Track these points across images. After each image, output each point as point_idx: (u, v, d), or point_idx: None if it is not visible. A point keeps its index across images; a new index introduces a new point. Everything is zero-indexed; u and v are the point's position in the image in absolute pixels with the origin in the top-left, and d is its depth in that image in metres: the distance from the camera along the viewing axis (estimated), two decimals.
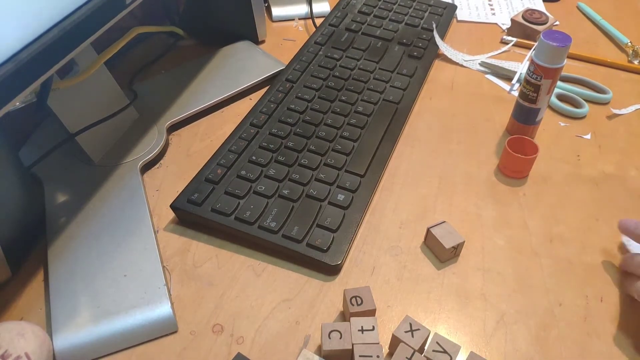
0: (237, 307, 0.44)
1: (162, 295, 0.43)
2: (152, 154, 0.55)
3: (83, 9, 0.39)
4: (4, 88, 0.33)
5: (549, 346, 0.43)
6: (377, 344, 0.39)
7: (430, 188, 0.55)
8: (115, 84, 0.57)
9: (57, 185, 0.52)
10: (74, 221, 0.48)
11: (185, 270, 0.47)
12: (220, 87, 0.64)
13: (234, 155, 0.54)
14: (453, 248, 0.47)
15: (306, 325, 0.43)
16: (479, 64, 0.72)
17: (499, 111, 0.65)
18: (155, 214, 0.51)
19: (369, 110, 0.60)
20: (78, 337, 0.40)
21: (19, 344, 0.35)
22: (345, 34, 0.73)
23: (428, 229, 0.48)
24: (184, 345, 0.42)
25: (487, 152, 0.59)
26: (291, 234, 0.47)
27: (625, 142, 0.61)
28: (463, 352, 0.42)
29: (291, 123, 0.58)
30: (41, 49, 0.35)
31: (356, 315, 0.41)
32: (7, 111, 0.34)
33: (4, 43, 0.33)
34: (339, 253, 0.46)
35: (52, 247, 0.46)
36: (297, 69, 0.66)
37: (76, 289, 0.43)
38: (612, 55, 0.75)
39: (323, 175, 0.52)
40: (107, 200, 0.50)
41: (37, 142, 0.55)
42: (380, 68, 0.68)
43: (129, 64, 0.69)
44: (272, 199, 0.50)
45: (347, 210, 0.50)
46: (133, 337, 0.41)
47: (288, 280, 0.46)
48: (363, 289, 0.42)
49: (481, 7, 0.85)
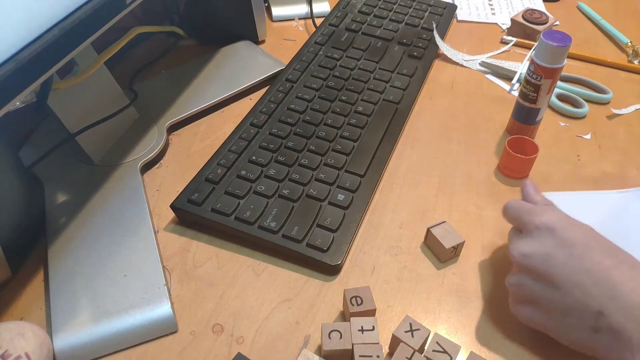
0: (237, 307, 0.44)
1: (162, 295, 0.43)
2: (152, 154, 0.55)
3: (83, 9, 0.39)
4: (4, 88, 0.33)
5: (549, 346, 0.42)
6: (377, 344, 0.39)
7: (430, 188, 0.55)
8: (115, 84, 0.57)
9: (57, 185, 0.52)
10: (74, 221, 0.48)
11: (186, 270, 0.47)
12: (220, 87, 0.64)
13: (234, 155, 0.54)
14: (453, 248, 0.47)
15: (306, 325, 0.43)
16: (479, 63, 0.72)
17: (499, 111, 0.65)
18: (156, 214, 0.51)
19: (369, 110, 0.60)
20: (78, 337, 0.40)
21: (19, 344, 0.35)
22: (346, 33, 0.73)
23: (428, 229, 0.48)
24: (184, 345, 0.42)
25: (487, 152, 0.59)
26: (291, 234, 0.47)
27: (625, 142, 0.61)
28: (463, 352, 0.42)
29: (291, 123, 0.58)
30: (41, 48, 0.35)
31: (356, 315, 0.41)
32: (7, 111, 0.35)
33: (4, 43, 0.33)
34: (339, 253, 0.46)
35: (52, 247, 0.46)
36: (297, 68, 0.66)
37: (76, 289, 0.43)
38: (612, 56, 0.75)
39: (323, 175, 0.52)
40: (107, 200, 0.50)
41: (37, 142, 0.55)
42: (380, 68, 0.68)
43: (129, 64, 0.69)
44: (272, 199, 0.50)
45: (347, 210, 0.50)
46: (133, 337, 0.41)
47: (288, 280, 0.46)
48: (363, 289, 0.42)
49: (481, 7, 0.85)
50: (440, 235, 0.47)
